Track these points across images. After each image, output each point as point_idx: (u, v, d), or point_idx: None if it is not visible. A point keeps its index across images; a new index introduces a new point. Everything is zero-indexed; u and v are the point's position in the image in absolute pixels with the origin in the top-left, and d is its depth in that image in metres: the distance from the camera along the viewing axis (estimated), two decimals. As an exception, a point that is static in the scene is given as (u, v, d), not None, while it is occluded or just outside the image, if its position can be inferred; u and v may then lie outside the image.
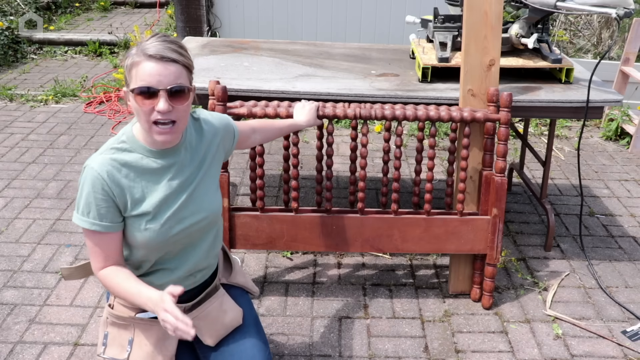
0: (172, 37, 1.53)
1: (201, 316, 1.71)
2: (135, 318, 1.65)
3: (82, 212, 1.53)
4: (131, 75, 1.48)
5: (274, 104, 2.30)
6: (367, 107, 2.30)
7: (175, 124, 1.51)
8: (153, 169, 1.58)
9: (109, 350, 1.68)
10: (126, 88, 1.52)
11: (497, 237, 2.41)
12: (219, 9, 5.16)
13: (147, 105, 1.47)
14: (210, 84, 2.29)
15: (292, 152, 2.38)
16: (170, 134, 1.51)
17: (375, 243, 2.44)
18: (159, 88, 1.46)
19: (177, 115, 1.50)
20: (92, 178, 1.50)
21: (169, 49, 1.47)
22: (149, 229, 1.56)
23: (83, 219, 1.53)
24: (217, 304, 1.75)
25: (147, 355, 1.65)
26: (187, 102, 1.52)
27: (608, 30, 5.32)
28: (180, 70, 1.49)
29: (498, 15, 2.32)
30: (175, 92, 1.48)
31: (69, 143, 4.05)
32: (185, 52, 1.52)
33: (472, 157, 2.44)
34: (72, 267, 1.78)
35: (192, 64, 1.56)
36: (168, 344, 1.67)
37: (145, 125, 1.51)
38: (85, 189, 1.51)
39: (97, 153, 1.55)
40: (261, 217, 2.40)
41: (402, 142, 2.36)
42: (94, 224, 1.52)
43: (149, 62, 1.45)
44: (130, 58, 1.48)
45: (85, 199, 1.52)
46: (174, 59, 1.47)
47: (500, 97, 2.31)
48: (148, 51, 1.46)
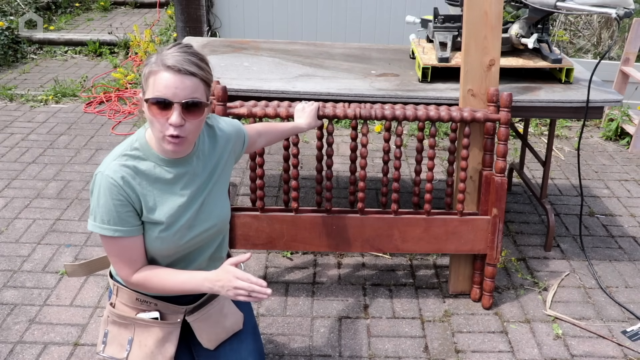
0: (194, 48, 1.50)
1: (202, 319, 1.71)
2: (136, 318, 1.66)
3: (101, 221, 1.50)
4: (148, 84, 1.46)
5: (274, 104, 2.30)
6: (367, 107, 2.30)
7: (185, 137, 1.49)
8: (165, 179, 1.57)
9: (108, 349, 1.68)
10: (142, 95, 1.50)
11: (497, 237, 2.41)
12: (219, 9, 5.16)
13: (161, 116, 1.44)
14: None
15: (292, 152, 2.38)
16: (180, 145, 1.49)
17: (375, 243, 2.44)
18: (173, 101, 1.43)
19: (190, 129, 1.48)
20: (107, 185, 1.49)
21: (189, 62, 1.44)
22: (161, 237, 1.56)
23: (104, 227, 1.50)
24: (218, 307, 1.75)
25: (146, 355, 1.65)
26: (201, 117, 1.49)
27: (608, 30, 5.32)
28: (198, 84, 1.46)
29: (498, 15, 2.32)
30: (190, 106, 1.45)
31: (69, 143, 4.05)
32: (206, 66, 1.49)
33: (472, 157, 2.44)
34: (75, 264, 1.78)
35: (212, 78, 1.53)
36: (168, 345, 1.67)
37: (158, 135, 1.49)
38: (102, 197, 1.49)
39: (109, 159, 1.53)
40: (261, 217, 2.40)
41: (402, 142, 2.36)
42: (116, 230, 1.50)
43: (167, 72, 1.42)
44: (149, 66, 1.46)
45: (104, 207, 1.49)
46: (193, 72, 1.44)
47: (500, 97, 2.31)
48: (167, 62, 1.43)
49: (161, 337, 1.66)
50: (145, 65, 1.48)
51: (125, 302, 1.67)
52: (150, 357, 1.65)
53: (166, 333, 1.67)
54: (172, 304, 1.68)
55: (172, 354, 1.67)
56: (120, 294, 1.68)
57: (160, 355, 1.66)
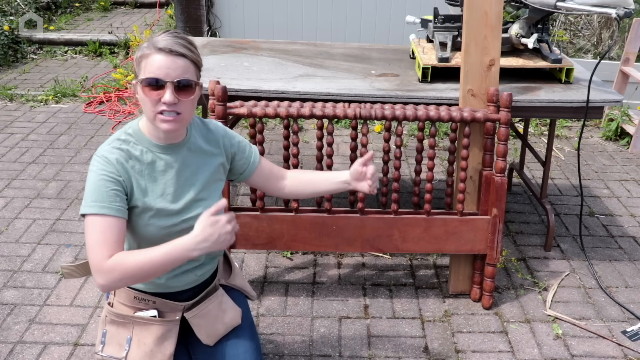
0: (183, 33, 1.57)
1: (201, 314, 1.71)
2: (134, 316, 1.66)
3: (88, 199, 1.50)
4: (140, 67, 1.52)
5: (274, 104, 2.30)
6: (367, 107, 2.30)
7: (180, 115, 1.53)
8: (157, 165, 1.60)
9: (107, 349, 1.67)
10: (135, 80, 1.54)
11: (497, 237, 2.41)
12: (219, 9, 5.16)
13: (154, 95, 1.49)
14: (210, 83, 2.29)
15: (292, 152, 2.38)
16: (174, 123, 1.52)
17: (375, 243, 2.43)
18: (166, 80, 1.49)
19: (182, 108, 1.52)
20: (100, 163, 1.52)
21: (179, 44, 1.51)
22: (151, 224, 1.58)
23: (91, 205, 1.49)
24: (216, 303, 1.75)
25: (145, 354, 1.65)
26: (193, 95, 1.54)
27: (608, 30, 5.32)
28: (188, 65, 1.52)
29: (498, 15, 2.32)
30: (182, 85, 1.51)
31: (69, 143, 4.05)
32: (195, 49, 1.56)
33: (472, 157, 2.44)
34: (72, 265, 1.78)
35: (201, 60, 1.60)
36: (167, 343, 1.67)
37: (150, 115, 1.53)
38: (92, 175, 1.52)
39: (104, 144, 1.57)
40: (261, 217, 2.39)
41: (402, 142, 2.36)
42: (102, 207, 1.49)
43: (159, 54, 1.49)
44: (141, 50, 1.52)
45: (93, 185, 1.51)
46: (183, 54, 1.51)
47: (500, 97, 2.31)
48: (158, 44, 1.50)
49: (160, 335, 1.66)
50: (138, 50, 1.54)
51: (123, 301, 1.68)
52: (149, 356, 1.65)
53: (165, 331, 1.67)
54: (171, 300, 1.69)
55: (172, 352, 1.67)
56: (118, 293, 1.68)
57: (160, 354, 1.66)
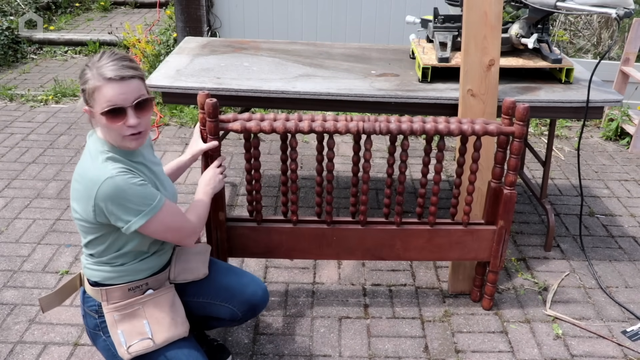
0: (119, 52, 1.66)
1: (180, 269, 1.90)
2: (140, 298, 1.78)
3: (140, 211, 1.63)
4: (94, 99, 1.60)
5: (270, 116, 2.10)
6: (371, 121, 2.09)
7: (144, 130, 1.68)
8: (139, 168, 1.73)
9: (132, 347, 1.74)
10: (88, 107, 1.64)
11: (502, 247, 2.35)
12: (219, 9, 5.15)
13: (118, 122, 1.61)
14: (199, 97, 2.05)
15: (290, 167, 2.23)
16: (142, 139, 1.68)
17: (376, 252, 2.37)
18: (126, 105, 1.59)
19: (145, 124, 1.66)
20: (123, 177, 1.61)
21: (125, 67, 1.60)
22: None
23: (147, 211, 1.64)
24: (183, 258, 1.95)
25: (169, 324, 1.77)
26: (151, 110, 1.68)
27: (608, 30, 5.32)
28: (139, 83, 1.63)
29: (498, 15, 2.32)
30: (141, 103, 1.63)
31: (69, 143, 4.05)
32: (136, 64, 1.66)
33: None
34: (49, 295, 1.88)
35: (145, 72, 1.73)
36: (177, 305, 1.82)
37: (117, 139, 1.65)
38: (128, 192, 1.61)
39: (99, 167, 1.63)
40: (259, 229, 2.31)
41: (407, 157, 2.20)
42: (160, 199, 1.68)
43: (110, 84, 1.58)
44: (90, 83, 1.59)
45: (135, 196, 1.62)
46: (132, 75, 1.61)
47: (516, 110, 2.12)
48: (106, 75, 1.57)
49: (170, 302, 1.80)
50: (85, 82, 1.61)
51: (118, 299, 1.76)
52: (172, 324, 1.78)
53: (170, 296, 1.82)
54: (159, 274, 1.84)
55: (183, 310, 1.84)
56: (110, 295, 1.76)
57: (179, 317, 1.80)
